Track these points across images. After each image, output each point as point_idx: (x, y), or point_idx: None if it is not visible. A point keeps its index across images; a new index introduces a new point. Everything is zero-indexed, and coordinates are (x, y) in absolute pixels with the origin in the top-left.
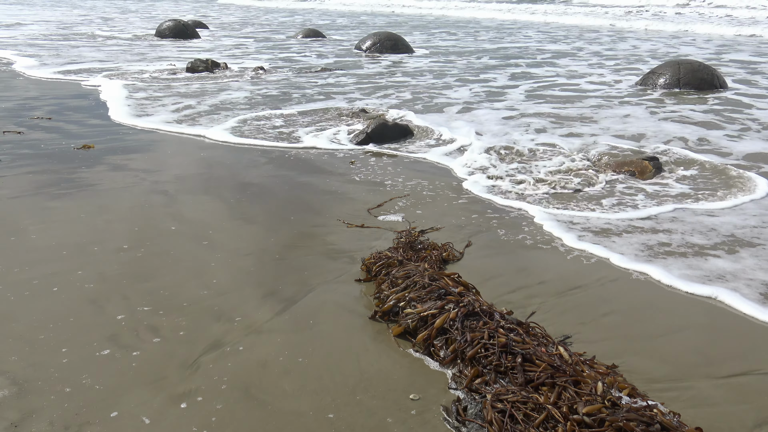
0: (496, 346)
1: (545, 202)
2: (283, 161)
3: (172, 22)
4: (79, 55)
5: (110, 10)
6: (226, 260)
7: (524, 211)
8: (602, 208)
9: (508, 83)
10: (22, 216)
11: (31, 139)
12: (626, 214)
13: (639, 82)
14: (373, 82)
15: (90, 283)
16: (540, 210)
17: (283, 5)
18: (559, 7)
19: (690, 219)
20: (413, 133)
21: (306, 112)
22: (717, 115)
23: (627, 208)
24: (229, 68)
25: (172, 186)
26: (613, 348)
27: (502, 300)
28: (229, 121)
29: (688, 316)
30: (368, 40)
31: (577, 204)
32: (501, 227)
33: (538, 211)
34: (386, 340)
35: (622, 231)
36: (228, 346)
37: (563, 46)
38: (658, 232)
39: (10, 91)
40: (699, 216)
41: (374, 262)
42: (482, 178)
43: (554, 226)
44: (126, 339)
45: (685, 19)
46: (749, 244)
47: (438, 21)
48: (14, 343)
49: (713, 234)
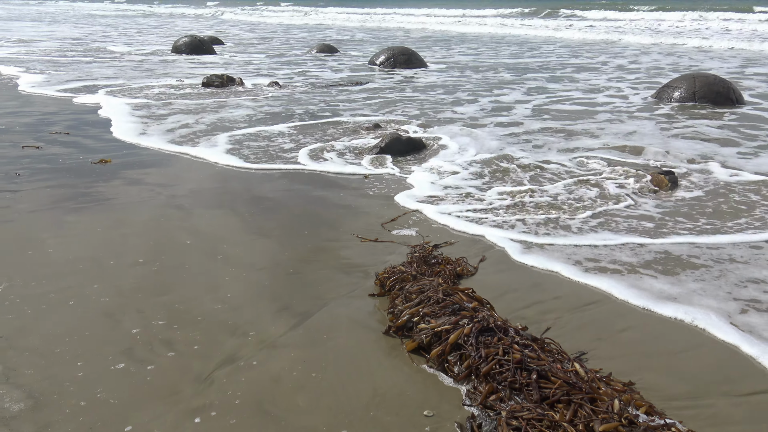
0: (510, 362)
1: (551, 222)
2: (296, 175)
3: (188, 38)
4: (89, 72)
5: (130, 27)
6: (240, 274)
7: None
8: (614, 229)
9: (520, 98)
10: (40, 230)
11: (49, 154)
12: (639, 239)
13: (653, 95)
14: (383, 96)
15: (106, 296)
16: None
17: (301, 22)
18: (578, 23)
19: (704, 241)
20: (426, 147)
21: (318, 126)
22: (732, 131)
23: (639, 234)
24: (243, 84)
25: (188, 200)
26: (630, 364)
27: (517, 315)
28: (235, 132)
29: (706, 333)
30: (382, 55)
31: (589, 222)
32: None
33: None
34: (400, 355)
35: (633, 250)
36: (242, 361)
37: (584, 60)
38: (673, 256)
39: (29, 107)
40: (711, 241)
41: (388, 277)
42: (493, 195)
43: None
44: (141, 353)
45: (709, 33)
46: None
47: (461, 36)
48: (30, 356)
49: (729, 262)
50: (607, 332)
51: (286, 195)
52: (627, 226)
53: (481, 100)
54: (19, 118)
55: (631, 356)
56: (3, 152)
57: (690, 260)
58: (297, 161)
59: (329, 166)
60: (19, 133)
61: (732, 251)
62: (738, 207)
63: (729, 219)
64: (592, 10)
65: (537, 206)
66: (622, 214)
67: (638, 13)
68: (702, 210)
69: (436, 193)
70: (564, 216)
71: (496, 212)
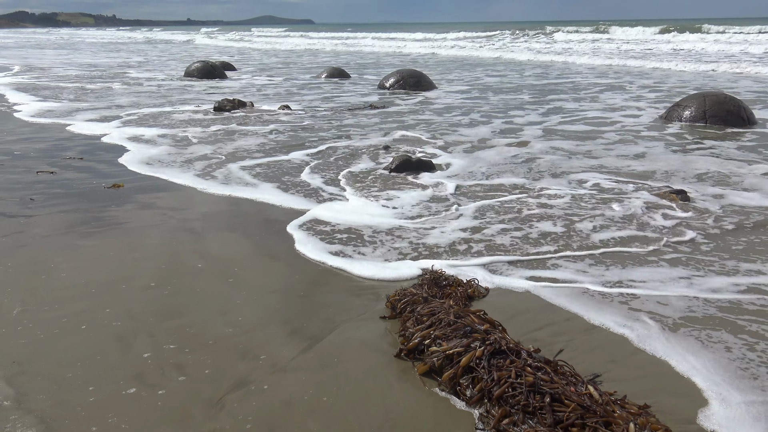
0: (523, 385)
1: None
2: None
3: (201, 64)
4: (107, 99)
5: (152, 54)
6: (251, 297)
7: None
8: (630, 245)
9: (533, 120)
10: (53, 254)
11: (63, 179)
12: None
13: (663, 115)
14: (393, 119)
15: (117, 320)
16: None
17: (330, 47)
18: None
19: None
20: (435, 168)
21: (327, 151)
22: (751, 152)
23: (660, 261)
24: (254, 108)
25: (199, 224)
26: (645, 387)
27: (529, 337)
28: (247, 161)
29: None
30: (391, 78)
31: (601, 241)
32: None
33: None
34: (412, 378)
35: (649, 267)
36: (253, 385)
37: (609, 80)
38: (684, 275)
39: (44, 132)
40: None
41: (399, 299)
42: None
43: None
44: (152, 377)
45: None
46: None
47: (472, 60)
48: (42, 381)
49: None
50: (620, 354)
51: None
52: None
53: (494, 121)
54: (33, 144)
55: (645, 378)
56: (18, 177)
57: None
58: (309, 186)
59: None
60: (34, 158)
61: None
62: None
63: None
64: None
65: (542, 234)
66: (630, 235)
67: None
68: (715, 234)
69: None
70: (573, 244)
71: (500, 246)
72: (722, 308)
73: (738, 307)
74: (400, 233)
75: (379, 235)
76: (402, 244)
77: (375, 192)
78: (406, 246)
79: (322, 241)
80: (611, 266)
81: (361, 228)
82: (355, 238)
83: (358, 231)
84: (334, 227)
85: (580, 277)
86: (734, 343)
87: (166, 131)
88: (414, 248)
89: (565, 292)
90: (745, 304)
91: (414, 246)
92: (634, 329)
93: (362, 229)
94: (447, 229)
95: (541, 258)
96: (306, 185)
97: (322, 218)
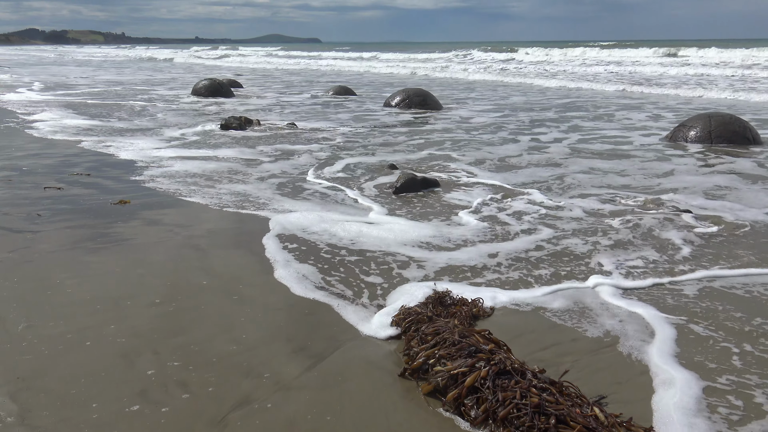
0: (528, 406)
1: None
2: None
3: (208, 81)
4: (106, 113)
5: (162, 76)
6: (255, 315)
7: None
8: (639, 264)
9: (510, 137)
10: (59, 270)
11: (70, 195)
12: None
13: (668, 136)
14: (398, 137)
15: (122, 337)
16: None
17: (337, 66)
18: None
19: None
20: (440, 185)
21: (336, 167)
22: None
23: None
24: (261, 125)
25: (205, 240)
26: (651, 409)
27: (534, 358)
28: (265, 184)
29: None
30: (397, 96)
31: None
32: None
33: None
34: (416, 398)
35: (661, 287)
36: (256, 403)
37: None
38: (694, 294)
39: (52, 148)
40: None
41: (403, 318)
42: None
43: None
44: (155, 394)
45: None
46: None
47: (476, 83)
48: (46, 397)
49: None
50: (626, 375)
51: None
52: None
53: (497, 136)
54: (41, 160)
55: (651, 400)
56: (26, 193)
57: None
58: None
59: (354, 197)
60: (43, 174)
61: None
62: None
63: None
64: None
65: (551, 255)
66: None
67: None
68: (729, 248)
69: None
70: (575, 260)
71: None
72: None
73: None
74: (410, 255)
75: (384, 257)
76: (411, 268)
77: (380, 206)
78: (414, 268)
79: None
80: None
81: (371, 248)
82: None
83: (365, 250)
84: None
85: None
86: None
87: (206, 152)
88: (422, 268)
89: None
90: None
91: (421, 266)
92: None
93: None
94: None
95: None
96: (325, 197)
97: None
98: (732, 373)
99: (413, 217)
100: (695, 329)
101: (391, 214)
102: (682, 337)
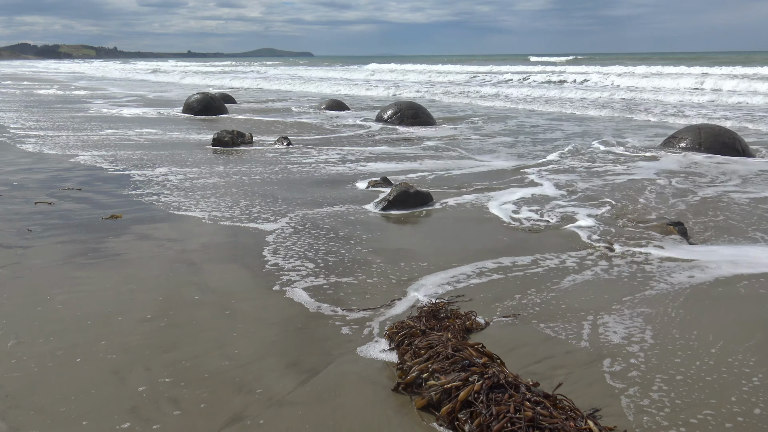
0: (522, 420)
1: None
2: (309, 227)
3: (200, 95)
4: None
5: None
6: (248, 330)
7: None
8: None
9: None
10: (50, 285)
11: (61, 210)
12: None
13: (659, 146)
14: (388, 148)
15: (113, 353)
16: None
17: (327, 79)
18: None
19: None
20: (432, 199)
21: (328, 181)
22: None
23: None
24: (253, 140)
25: (197, 255)
26: (647, 422)
27: (528, 371)
28: (255, 213)
29: (731, 387)
30: (389, 110)
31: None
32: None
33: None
34: (410, 413)
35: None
36: (249, 419)
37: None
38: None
39: (43, 163)
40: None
41: (397, 332)
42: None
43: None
44: (146, 412)
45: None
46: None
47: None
48: (36, 415)
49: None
50: (620, 387)
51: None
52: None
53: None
54: (32, 174)
55: (648, 412)
56: (17, 208)
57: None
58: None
59: (346, 210)
60: (34, 189)
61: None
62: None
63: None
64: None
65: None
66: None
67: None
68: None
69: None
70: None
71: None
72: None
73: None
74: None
75: (381, 266)
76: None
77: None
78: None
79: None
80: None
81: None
82: (356, 269)
83: (362, 260)
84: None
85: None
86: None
87: (169, 177)
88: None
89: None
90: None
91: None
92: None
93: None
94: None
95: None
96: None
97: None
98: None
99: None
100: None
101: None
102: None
